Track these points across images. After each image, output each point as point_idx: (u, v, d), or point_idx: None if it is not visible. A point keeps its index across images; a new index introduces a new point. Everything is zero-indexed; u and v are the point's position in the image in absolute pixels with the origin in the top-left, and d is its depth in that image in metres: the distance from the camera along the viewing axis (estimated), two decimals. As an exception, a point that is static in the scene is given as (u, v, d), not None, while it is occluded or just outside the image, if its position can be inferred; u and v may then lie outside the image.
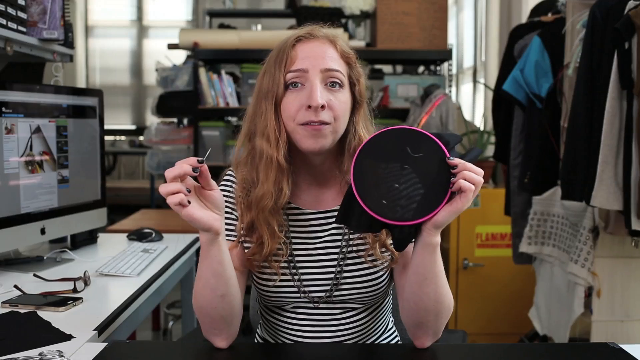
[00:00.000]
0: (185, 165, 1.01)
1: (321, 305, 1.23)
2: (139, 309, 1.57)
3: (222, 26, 4.81)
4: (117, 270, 1.70)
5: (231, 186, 1.26)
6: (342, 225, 1.20)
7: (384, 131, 1.04)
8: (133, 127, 7.82)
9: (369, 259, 1.21)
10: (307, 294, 1.22)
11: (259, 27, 4.79)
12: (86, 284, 1.59)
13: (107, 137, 7.62)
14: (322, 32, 1.22)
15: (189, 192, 1.02)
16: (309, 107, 1.14)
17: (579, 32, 2.23)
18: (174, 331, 3.51)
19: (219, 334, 1.15)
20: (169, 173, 1.00)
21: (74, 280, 1.55)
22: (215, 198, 1.05)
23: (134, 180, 7.62)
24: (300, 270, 1.23)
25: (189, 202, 1.01)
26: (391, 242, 1.17)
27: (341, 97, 1.19)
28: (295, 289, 1.22)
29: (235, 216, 1.24)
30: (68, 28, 2.10)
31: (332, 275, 1.22)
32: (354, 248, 1.24)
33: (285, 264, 1.22)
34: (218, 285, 1.10)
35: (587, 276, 2.14)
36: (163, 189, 1.00)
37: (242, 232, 1.22)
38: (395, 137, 1.04)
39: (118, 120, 7.99)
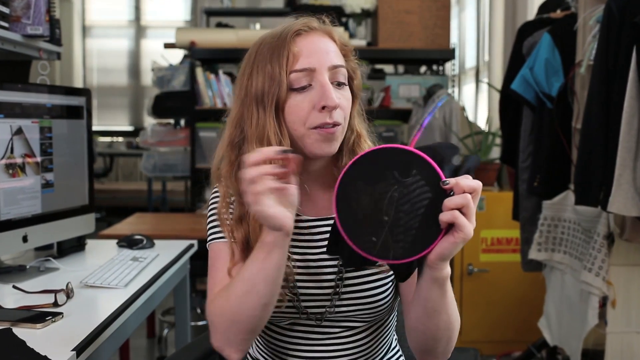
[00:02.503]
0: (271, 149, 0.91)
1: (319, 323, 1.12)
2: (125, 324, 1.46)
3: (219, 25, 4.71)
4: (103, 281, 1.60)
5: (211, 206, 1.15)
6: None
7: (366, 153, 0.89)
8: (131, 129, 7.73)
9: (372, 270, 1.11)
10: (304, 310, 1.12)
11: (258, 26, 4.69)
12: (68, 296, 1.48)
13: (104, 139, 7.55)
14: (319, 24, 1.11)
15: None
16: (323, 108, 1.03)
17: (592, 28, 2.13)
18: (169, 339, 3.40)
19: (240, 345, 1.02)
20: (252, 158, 0.90)
21: (55, 292, 1.44)
22: (291, 193, 0.94)
23: (131, 182, 7.53)
24: (298, 284, 1.12)
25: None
26: None
27: (347, 94, 1.09)
28: (291, 304, 1.12)
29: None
30: (54, 24, 1.99)
31: (331, 290, 1.12)
32: None
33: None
34: (267, 293, 0.97)
35: (601, 285, 2.03)
36: (250, 172, 0.89)
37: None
38: (380, 160, 0.88)
39: (115, 121, 7.91)
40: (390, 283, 1.13)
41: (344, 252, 0.94)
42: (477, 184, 0.89)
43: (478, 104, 5.01)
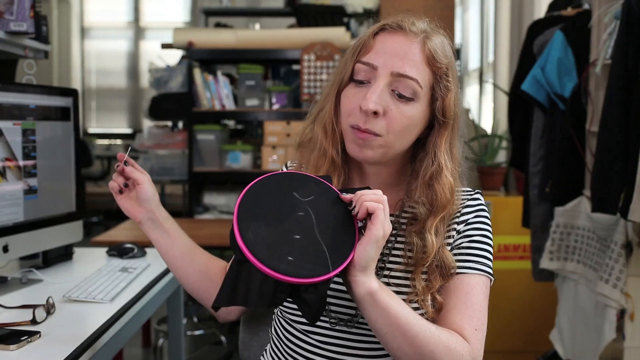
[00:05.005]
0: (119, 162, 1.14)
1: (351, 327, 1.02)
2: (111, 342, 1.35)
3: (218, 25, 4.61)
4: (88, 295, 1.48)
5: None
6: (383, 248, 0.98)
7: (260, 180, 0.92)
8: (129, 131, 7.62)
9: (411, 305, 0.99)
10: (327, 311, 1.02)
11: (257, 26, 4.58)
12: (49, 312, 1.36)
13: (102, 141, 7.46)
14: (415, 27, 1.00)
15: (126, 186, 1.14)
16: (361, 109, 0.97)
17: (608, 25, 2.02)
18: (165, 349, 3.29)
19: (205, 301, 1.18)
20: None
21: (34, 308, 1.33)
22: (139, 192, 1.13)
23: (129, 186, 7.41)
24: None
25: (121, 192, 1.14)
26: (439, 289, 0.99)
27: (408, 110, 0.98)
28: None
29: None
30: (40, 20, 1.89)
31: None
32: (393, 281, 1.02)
33: None
34: (170, 267, 1.17)
35: (619, 297, 1.92)
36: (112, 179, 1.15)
37: None
38: (277, 185, 0.92)
39: (114, 123, 7.81)
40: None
41: (249, 294, 0.85)
42: (379, 194, 0.89)
43: (482, 106, 4.91)
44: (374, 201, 0.88)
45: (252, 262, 0.83)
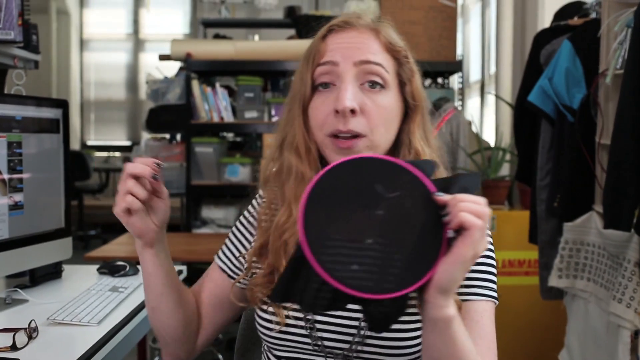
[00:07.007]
0: (147, 168, 0.91)
1: None
2: (96, 368, 1.27)
3: (217, 36, 4.56)
4: (74, 318, 1.40)
5: (255, 207, 1.09)
6: None
7: (339, 164, 0.75)
8: (128, 144, 7.56)
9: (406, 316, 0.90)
10: (320, 345, 0.93)
11: (257, 37, 4.53)
12: (31, 337, 1.28)
13: (100, 154, 7.39)
14: (363, 21, 0.95)
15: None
16: (337, 111, 0.89)
17: (618, 34, 1.95)
18: (161, 367, 3.19)
19: (163, 348, 1.07)
20: (132, 169, 0.90)
21: (15, 332, 1.25)
22: (160, 208, 0.95)
23: (127, 199, 7.34)
24: (316, 316, 0.95)
25: (129, 212, 0.92)
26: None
27: (382, 100, 0.92)
28: (306, 335, 0.94)
29: (250, 241, 1.04)
30: (30, 29, 1.82)
31: (356, 323, 0.93)
32: None
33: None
34: (149, 296, 1.02)
35: (633, 318, 1.83)
36: (122, 185, 0.91)
37: (253, 258, 1.01)
38: (358, 172, 0.74)
39: (112, 136, 7.76)
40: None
41: (305, 295, 0.74)
42: (482, 206, 0.72)
43: (484, 119, 4.85)
44: (473, 214, 0.71)
45: (311, 264, 0.71)
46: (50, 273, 1.81)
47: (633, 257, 1.85)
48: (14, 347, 1.22)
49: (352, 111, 0.88)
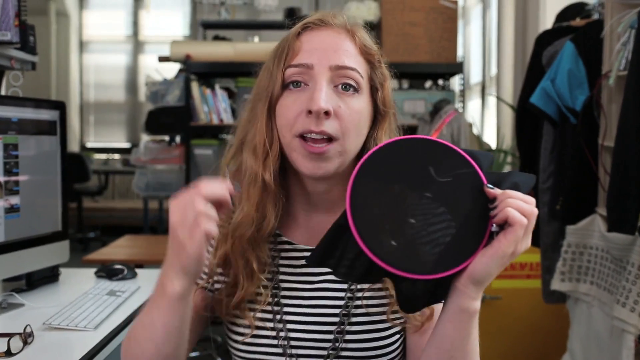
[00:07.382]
0: (226, 193, 0.79)
1: None
2: (92, 374, 1.25)
3: (216, 38, 4.54)
4: (70, 322, 1.38)
5: None
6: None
7: (395, 141, 0.75)
8: (127, 145, 7.54)
9: (380, 317, 0.91)
10: (294, 359, 0.91)
11: (256, 39, 4.51)
12: (26, 342, 1.26)
13: (99, 156, 7.38)
14: (338, 20, 0.93)
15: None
16: (310, 112, 0.86)
17: (621, 35, 1.93)
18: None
19: None
20: (211, 190, 0.77)
21: (10, 337, 1.23)
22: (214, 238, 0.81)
23: (127, 201, 7.33)
24: (289, 326, 0.92)
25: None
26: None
27: (355, 104, 0.89)
28: (280, 350, 0.92)
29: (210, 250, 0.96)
30: (27, 30, 1.80)
31: (330, 337, 0.92)
32: (364, 302, 0.92)
33: (270, 315, 0.93)
34: (167, 343, 0.82)
35: (637, 322, 1.80)
36: (201, 206, 0.75)
37: (214, 269, 0.95)
38: (413, 152, 0.74)
39: (112, 137, 7.74)
40: (398, 336, 0.94)
41: (341, 262, 0.74)
42: (531, 205, 0.73)
43: (484, 121, 4.83)
44: (520, 211, 0.71)
45: (352, 233, 0.71)
46: (47, 277, 1.79)
47: (637, 261, 1.83)
48: (8, 353, 1.20)
49: (326, 113, 0.86)
